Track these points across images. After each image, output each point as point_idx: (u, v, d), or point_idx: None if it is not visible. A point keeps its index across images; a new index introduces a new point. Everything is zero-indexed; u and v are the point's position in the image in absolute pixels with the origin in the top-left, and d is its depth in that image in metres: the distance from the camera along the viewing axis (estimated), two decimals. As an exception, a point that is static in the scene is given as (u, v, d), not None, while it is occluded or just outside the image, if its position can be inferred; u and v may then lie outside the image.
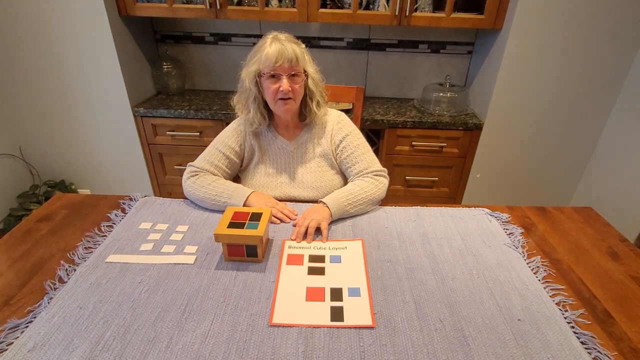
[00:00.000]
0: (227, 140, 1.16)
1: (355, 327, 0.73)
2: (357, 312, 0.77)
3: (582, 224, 1.09)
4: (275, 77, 1.03)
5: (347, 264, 0.90)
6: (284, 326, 0.73)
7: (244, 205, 1.06)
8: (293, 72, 1.03)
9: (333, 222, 1.05)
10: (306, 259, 0.92)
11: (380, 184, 1.12)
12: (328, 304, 0.79)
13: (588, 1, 1.62)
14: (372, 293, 0.81)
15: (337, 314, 0.76)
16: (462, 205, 1.17)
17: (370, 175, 1.13)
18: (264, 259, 0.91)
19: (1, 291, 0.80)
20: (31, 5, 1.72)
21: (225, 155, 1.15)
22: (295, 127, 1.18)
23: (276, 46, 1.00)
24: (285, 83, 1.02)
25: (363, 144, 1.18)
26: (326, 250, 0.95)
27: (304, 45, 1.07)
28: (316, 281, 0.85)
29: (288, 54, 1.00)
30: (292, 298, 0.80)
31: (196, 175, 1.12)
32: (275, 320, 0.74)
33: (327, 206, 1.04)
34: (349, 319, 0.75)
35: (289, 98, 1.05)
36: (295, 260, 0.91)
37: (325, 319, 0.75)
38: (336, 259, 0.92)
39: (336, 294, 0.81)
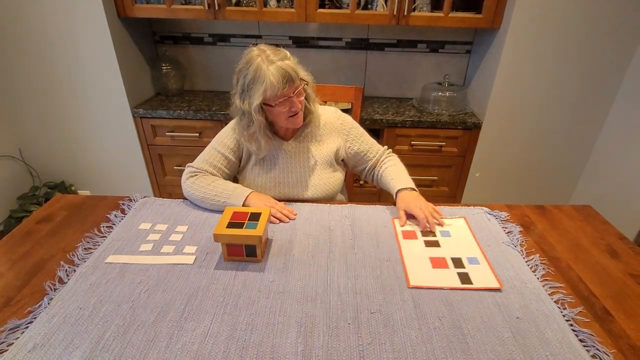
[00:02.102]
0: (225, 141, 1.16)
1: (485, 289, 0.82)
2: (482, 276, 0.86)
3: (581, 222, 1.09)
4: (286, 100, 1.02)
5: (457, 238, 1.00)
6: (423, 288, 0.82)
7: (243, 205, 1.06)
8: (299, 88, 1.03)
9: (333, 222, 1.06)
10: (419, 234, 1.01)
11: (396, 156, 1.27)
12: (453, 270, 0.88)
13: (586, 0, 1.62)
14: (489, 261, 0.91)
15: (464, 278, 0.85)
16: (462, 204, 1.17)
17: (388, 158, 1.25)
18: (263, 258, 0.91)
19: (1, 292, 0.81)
20: (30, 7, 1.72)
21: (224, 155, 1.15)
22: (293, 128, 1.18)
23: (277, 70, 0.96)
24: (296, 102, 1.03)
25: (363, 131, 1.26)
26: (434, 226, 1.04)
27: (288, 53, 1.03)
28: (435, 252, 0.94)
29: (292, 74, 0.98)
30: (420, 265, 0.89)
31: (195, 175, 1.12)
32: (413, 283, 0.83)
33: (413, 189, 1.12)
34: (477, 282, 0.84)
35: (298, 111, 1.06)
36: (409, 235, 1.01)
37: (456, 282, 0.84)
38: (446, 234, 1.01)
39: (457, 262, 0.91)
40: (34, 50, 1.82)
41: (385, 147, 1.27)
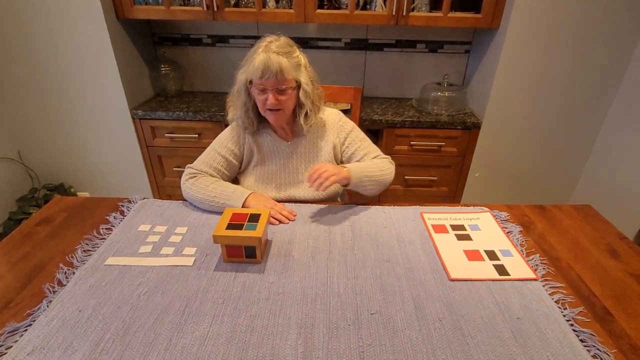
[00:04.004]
0: (225, 143, 1.16)
1: (523, 280, 0.85)
2: (517, 268, 0.88)
3: (581, 221, 1.09)
4: (262, 90, 1.03)
5: (486, 231, 1.02)
6: (464, 280, 0.84)
7: (243, 207, 1.06)
8: (280, 87, 1.02)
9: (333, 223, 1.06)
10: (449, 228, 1.03)
11: (392, 166, 1.19)
12: (489, 262, 0.90)
13: (585, -1, 1.63)
14: (521, 253, 0.94)
15: (501, 270, 0.88)
16: (461, 204, 1.17)
17: (380, 159, 1.19)
18: (262, 260, 0.91)
19: (0, 294, 0.80)
20: (29, 9, 1.72)
21: (224, 157, 1.15)
22: (292, 129, 1.18)
23: (263, 59, 0.98)
24: (270, 97, 1.02)
25: (364, 137, 1.23)
26: (462, 220, 1.07)
27: (297, 53, 1.04)
28: (468, 245, 0.96)
29: (273, 69, 0.98)
30: (456, 258, 0.91)
31: (194, 177, 1.12)
32: (453, 276, 0.85)
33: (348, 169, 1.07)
34: (513, 274, 0.86)
35: (278, 109, 1.05)
36: (440, 229, 1.03)
37: (493, 274, 0.86)
38: (475, 227, 1.04)
39: (491, 255, 0.93)
40: (33, 52, 1.81)
41: (386, 155, 1.21)
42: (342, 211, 1.11)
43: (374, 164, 1.14)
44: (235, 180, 1.25)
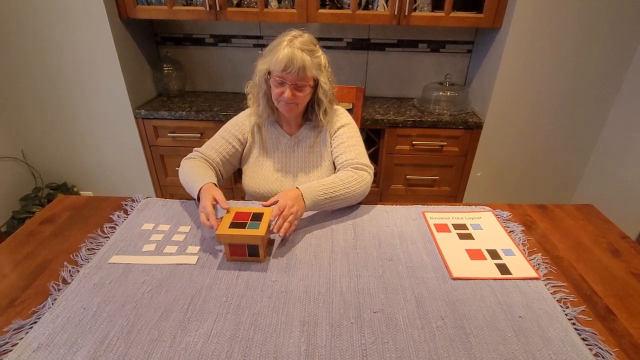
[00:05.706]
0: (231, 129, 1.20)
1: (523, 279, 0.85)
2: (519, 267, 0.88)
3: (582, 221, 1.09)
4: (281, 83, 1.05)
5: (488, 230, 1.02)
6: (466, 279, 0.85)
7: (198, 196, 1.00)
8: (299, 83, 1.04)
9: (335, 222, 1.06)
10: (451, 227, 1.03)
11: (360, 178, 1.08)
12: (491, 261, 0.90)
13: (587, -1, 1.63)
14: (523, 252, 0.94)
15: (503, 269, 0.88)
16: (463, 203, 1.17)
17: (350, 168, 1.10)
18: (265, 258, 0.91)
19: (5, 293, 0.81)
20: (32, 10, 1.73)
21: (228, 142, 1.18)
22: (298, 123, 1.21)
23: (287, 53, 1.00)
24: (288, 92, 1.04)
25: (355, 136, 1.19)
26: (464, 219, 1.07)
27: (319, 53, 1.07)
28: (470, 244, 0.96)
29: (296, 64, 1.00)
30: (458, 257, 0.91)
31: (189, 158, 1.15)
32: (456, 275, 0.86)
33: (302, 196, 0.99)
34: (515, 273, 0.87)
35: (293, 103, 1.07)
36: (442, 228, 1.03)
37: (495, 273, 0.87)
38: (477, 227, 1.04)
39: (493, 254, 0.93)
40: (36, 52, 1.82)
41: (365, 163, 1.12)
42: (344, 210, 1.11)
43: (338, 180, 1.06)
44: (239, 171, 1.28)
